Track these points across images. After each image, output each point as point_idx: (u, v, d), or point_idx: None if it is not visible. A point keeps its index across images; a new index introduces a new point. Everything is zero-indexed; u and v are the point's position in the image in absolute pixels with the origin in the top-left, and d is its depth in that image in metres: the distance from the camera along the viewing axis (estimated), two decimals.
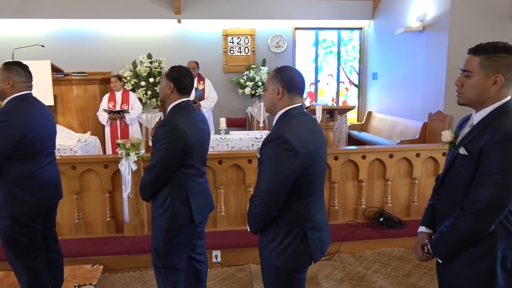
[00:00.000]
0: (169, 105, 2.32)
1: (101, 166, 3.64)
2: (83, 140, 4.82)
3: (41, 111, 2.46)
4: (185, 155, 2.21)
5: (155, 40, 7.20)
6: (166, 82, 2.28)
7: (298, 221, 1.78)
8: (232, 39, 7.41)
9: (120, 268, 3.43)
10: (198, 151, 2.30)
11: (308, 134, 1.77)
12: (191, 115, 2.29)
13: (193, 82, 2.39)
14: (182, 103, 2.30)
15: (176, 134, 2.15)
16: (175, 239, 2.31)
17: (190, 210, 2.27)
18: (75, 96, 5.88)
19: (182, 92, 2.29)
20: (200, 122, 2.33)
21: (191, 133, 2.20)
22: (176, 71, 2.30)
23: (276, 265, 1.83)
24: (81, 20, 6.85)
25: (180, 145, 2.16)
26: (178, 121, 2.17)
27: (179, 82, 2.27)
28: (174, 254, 2.35)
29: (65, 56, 6.72)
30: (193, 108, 2.36)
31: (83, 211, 3.74)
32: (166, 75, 2.31)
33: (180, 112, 2.25)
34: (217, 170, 3.74)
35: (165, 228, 2.27)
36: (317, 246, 1.83)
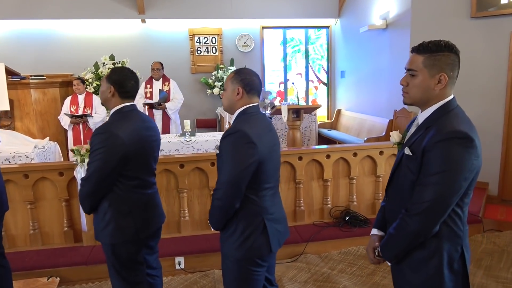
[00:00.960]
0: (111, 111, 2.15)
1: (56, 173, 3.47)
2: (41, 147, 4.60)
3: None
4: (125, 166, 2.03)
5: (118, 40, 6.99)
6: (106, 85, 2.11)
7: (257, 213, 1.86)
8: (199, 39, 7.30)
9: (78, 279, 3.29)
10: (142, 161, 2.13)
11: (264, 131, 1.88)
12: (134, 121, 2.10)
13: (138, 84, 2.20)
14: (125, 108, 2.12)
15: (113, 143, 1.97)
16: (123, 255, 2.14)
17: (134, 224, 2.11)
18: (33, 100, 5.65)
19: (124, 96, 2.12)
20: (145, 129, 2.15)
21: (132, 142, 2.03)
22: (117, 73, 2.13)
23: (237, 257, 1.87)
24: (38, 21, 6.56)
25: (117, 155, 1.98)
26: (116, 129, 2.00)
27: (121, 85, 2.09)
28: (130, 269, 2.20)
29: (22, 59, 6.44)
30: (138, 114, 2.19)
31: (38, 221, 3.57)
32: (106, 77, 2.13)
33: (121, 119, 2.08)
34: (179, 174, 3.64)
35: (110, 244, 2.11)
36: (275, 237, 1.91)
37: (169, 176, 3.67)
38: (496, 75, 4.79)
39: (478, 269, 3.30)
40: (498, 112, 4.84)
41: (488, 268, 3.31)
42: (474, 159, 1.45)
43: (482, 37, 4.78)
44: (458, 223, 1.55)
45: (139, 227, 2.14)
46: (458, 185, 1.44)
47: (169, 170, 3.63)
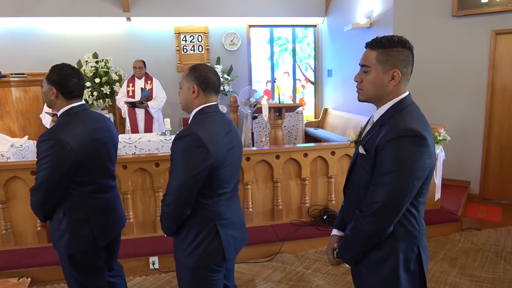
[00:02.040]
0: (58, 114, 2.01)
1: (28, 172, 3.43)
2: (18, 146, 4.55)
3: None
4: (76, 172, 1.91)
5: (102, 38, 6.92)
6: (47, 86, 1.96)
7: (209, 219, 1.77)
8: (185, 37, 7.25)
9: (49, 280, 3.25)
10: (96, 165, 2.02)
11: (221, 133, 1.76)
12: (84, 124, 1.96)
13: (82, 82, 2.01)
14: (73, 109, 1.97)
15: (59, 151, 1.82)
16: (81, 263, 2.05)
17: (92, 231, 2.01)
18: (14, 98, 5.56)
19: (68, 97, 1.96)
20: (98, 131, 2.02)
21: (81, 146, 1.89)
22: (56, 72, 1.95)
23: (189, 264, 1.78)
24: (19, 18, 6.48)
25: (66, 163, 1.84)
26: (62, 134, 1.85)
27: (63, 85, 1.94)
28: (89, 275, 2.11)
29: (1, 57, 6.36)
30: (89, 114, 2.04)
31: (10, 221, 3.52)
32: (46, 77, 1.97)
33: (69, 122, 1.93)
34: (154, 173, 3.60)
35: (67, 254, 2.01)
36: (230, 243, 1.82)
37: (144, 175, 3.63)
38: (477, 73, 4.79)
39: (453, 267, 3.29)
40: (479, 111, 4.84)
41: (462, 266, 3.31)
42: (427, 158, 1.43)
43: (464, 35, 4.77)
44: (413, 223, 1.52)
45: (98, 235, 2.03)
46: (411, 184, 1.41)
47: (144, 169, 3.60)
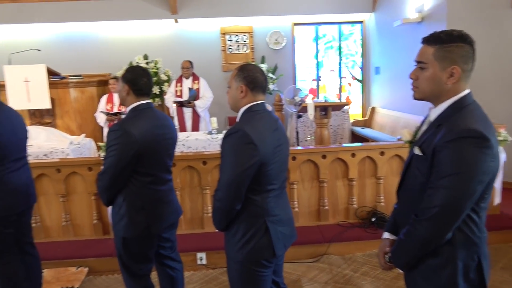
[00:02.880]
0: (127, 108, 2.22)
1: (85, 168, 3.63)
2: (76, 143, 4.84)
3: (8, 115, 2.44)
4: (138, 163, 2.09)
5: (152, 40, 7.19)
6: (121, 84, 2.19)
7: (259, 215, 1.81)
8: (230, 37, 7.35)
9: (105, 270, 3.42)
10: (156, 158, 2.18)
11: (268, 130, 1.80)
12: (149, 119, 2.16)
13: (151, 82, 2.26)
14: (140, 106, 2.18)
15: (126, 141, 2.03)
16: (133, 249, 2.21)
17: (146, 219, 2.17)
18: (72, 99, 5.91)
19: (138, 94, 2.18)
20: (159, 127, 2.20)
21: (145, 139, 2.07)
22: (130, 71, 2.20)
23: (239, 259, 1.83)
24: (77, 24, 6.90)
25: (130, 152, 2.03)
26: (129, 127, 2.06)
27: (134, 83, 2.16)
28: (136, 263, 2.28)
29: (62, 60, 6.78)
30: (153, 111, 2.25)
31: (70, 214, 3.75)
32: (121, 76, 2.22)
33: (136, 116, 2.15)
34: (202, 171, 3.68)
35: (122, 237, 2.19)
36: (279, 239, 1.85)
37: (192, 172, 3.72)
38: None
39: None
40: None
41: None
42: (491, 160, 1.34)
43: None
44: (474, 230, 1.43)
45: (151, 223, 2.19)
46: (472, 189, 1.33)
47: (192, 167, 3.69)
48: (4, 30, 6.99)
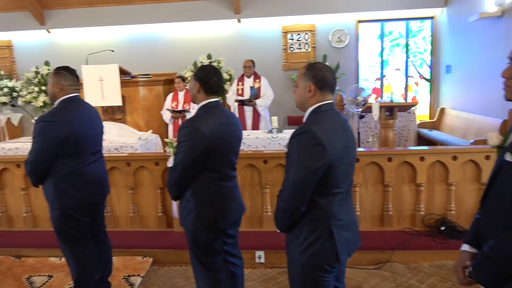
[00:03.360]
0: (197, 106, 2.29)
1: (152, 163, 3.81)
2: (144, 138, 5.10)
3: (87, 112, 2.62)
4: (207, 159, 2.14)
5: (215, 40, 7.37)
6: (193, 82, 2.26)
7: (323, 218, 1.77)
8: (291, 35, 7.30)
9: (168, 261, 3.56)
10: (223, 155, 2.23)
11: (337, 131, 1.75)
12: (218, 117, 2.21)
13: (221, 81, 2.32)
14: (210, 104, 2.24)
15: (196, 137, 2.09)
16: (201, 243, 2.29)
17: (214, 214, 2.23)
18: (141, 96, 6.25)
19: (209, 92, 2.24)
20: (227, 125, 2.25)
21: (214, 136, 2.12)
22: (202, 70, 2.26)
23: (301, 261, 1.81)
24: (146, 25, 7.28)
25: (200, 149, 2.09)
26: (200, 124, 2.12)
27: (205, 81, 2.21)
28: (206, 256, 2.34)
29: (132, 60, 7.19)
30: (222, 109, 2.30)
31: (137, 206, 3.95)
32: (193, 75, 2.29)
33: (206, 114, 2.21)
34: (263, 169, 3.69)
35: (191, 231, 2.28)
36: (343, 245, 1.80)
37: (253, 171, 3.74)
38: None
39: None
40: None
41: None
42: None
43: None
44: None
45: (218, 217, 2.25)
46: None
47: (253, 165, 3.71)
48: (82, 32, 7.58)
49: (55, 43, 7.82)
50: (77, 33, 7.61)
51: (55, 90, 2.53)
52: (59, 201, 2.51)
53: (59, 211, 2.53)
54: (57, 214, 2.54)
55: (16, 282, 3.27)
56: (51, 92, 2.55)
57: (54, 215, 2.56)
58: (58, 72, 2.54)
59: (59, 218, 2.55)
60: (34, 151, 2.43)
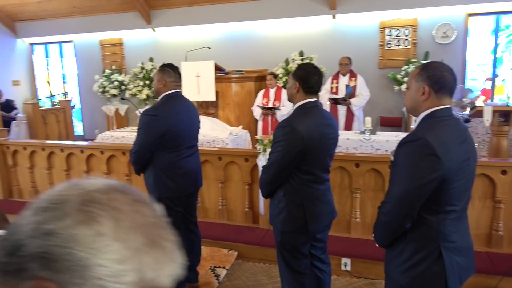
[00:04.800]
0: (295, 105, 2.25)
1: (242, 159, 3.87)
2: (234, 133, 5.24)
3: (186, 108, 2.75)
4: (302, 160, 2.10)
5: (308, 37, 7.25)
6: (292, 81, 2.22)
7: (432, 238, 1.57)
8: (390, 31, 6.85)
9: (252, 257, 3.60)
10: (318, 157, 2.17)
11: (454, 141, 1.53)
12: (316, 118, 2.16)
13: (321, 80, 2.24)
14: (308, 104, 2.19)
15: (292, 137, 2.06)
16: (289, 244, 2.25)
17: (304, 216, 2.18)
18: (233, 92, 6.43)
19: (308, 92, 2.18)
20: (325, 126, 2.19)
21: (311, 137, 2.08)
22: (302, 69, 2.22)
23: (402, 283, 1.64)
24: (242, 23, 7.45)
25: (296, 149, 2.06)
26: (297, 124, 2.08)
27: (305, 81, 2.16)
28: (294, 257, 2.31)
29: (226, 56, 7.41)
30: (320, 110, 2.24)
31: (226, 199, 4.07)
32: (292, 73, 2.25)
33: (303, 114, 2.16)
34: (354, 173, 3.52)
35: (280, 231, 2.25)
36: (454, 271, 1.57)
37: (343, 174, 3.59)
38: None
39: None
40: None
41: None
42: None
43: None
44: None
45: (309, 220, 2.19)
46: None
47: (344, 168, 3.56)
48: (183, 31, 8.05)
49: (159, 41, 8.45)
50: (178, 31, 8.11)
51: (159, 86, 2.69)
52: (157, 191, 2.68)
53: (157, 199, 2.69)
54: None
55: None
56: (156, 87, 2.72)
57: None
58: (163, 69, 2.70)
59: None
60: (138, 142, 2.62)
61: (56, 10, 8.70)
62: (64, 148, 4.65)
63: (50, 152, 4.71)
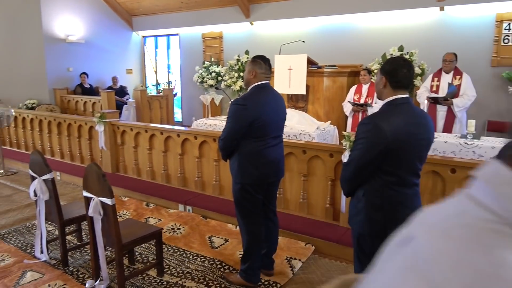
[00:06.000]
0: (382, 102, 2.12)
1: (327, 154, 3.82)
2: (322, 128, 5.18)
3: (274, 99, 2.81)
4: (384, 160, 1.97)
5: (410, 30, 6.77)
6: (379, 76, 2.10)
7: None
8: (509, 25, 6.05)
9: (329, 254, 3.55)
10: (405, 159, 2.00)
11: None
12: (405, 116, 2.00)
13: (411, 74, 2.07)
14: (397, 100, 2.03)
15: (375, 136, 1.94)
16: (366, 247, 2.14)
17: (384, 221, 2.04)
18: (324, 87, 6.34)
19: (396, 87, 2.03)
20: (416, 126, 2.01)
21: (396, 137, 1.93)
22: (389, 62, 2.09)
23: None
24: (339, 16, 7.26)
25: (377, 148, 1.94)
26: (381, 121, 1.95)
27: (392, 75, 2.02)
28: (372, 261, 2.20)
29: (321, 50, 7.32)
30: (411, 107, 2.07)
31: (307, 193, 4.06)
32: (380, 68, 2.12)
33: (390, 111, 2.02)
34: (449, 179, 3.23)
35: (357, 232, 2.16)
36: None
37: (436, 179, 3.32)
38: None
39: None
40: None
41: None
42: None
43: None
44: None
45: (388, 226, 2.03)
46: None
47: (437, 172, 3.28)
48: (278, 24, 8.16)
49: (255, 34, 8.70)
50: (274, 25, 8.25)
51: (250, 76, 2.78)
52: (241, 176, 2.79)
53: (239, 185, 2.82)
54: (237, 188, 2.84)
55: (201, 238, 3.85)
56: (246, 78, 2.82)
57: (235, 188, 2.87)
58: (255, 60, 2.79)
59: (238, 191, 2.84)
60: (227, 129, 2.75)
61: (167, 5, 9.50)
62: (163, 132, 5.09)
63: (152, 134, 5.20)
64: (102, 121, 5.46)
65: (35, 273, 3.21)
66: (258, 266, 2.98)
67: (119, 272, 2.81)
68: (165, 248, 3.58)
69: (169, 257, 3.47)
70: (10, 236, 3.92)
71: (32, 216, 4.42)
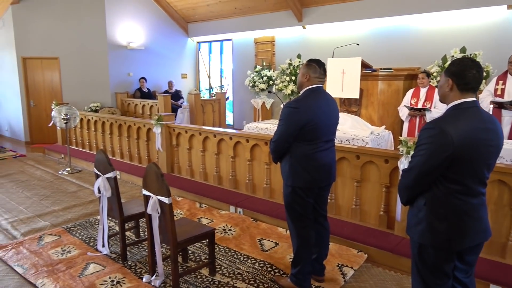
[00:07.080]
0: (447, 106, 1.98)
1: (382, 160, 3.69)
2: (376, 133, 5.02)
3: (327, 102, 2.77)
4: (449, 168, 1.85)
5: (472, 31, 6.37)
6: (444, 78, 1.97)
7: None
8: None
9: (382, 263, 3.43)
10: (472, 167, 1.87)
11: None
12: (472, 121, 1.87)
13: (481, 75, 1.91)
14: (464, 104, 1.90)
15: (440, 141, 1.82)
16: (428, 259, 2.01)
17: (447, 232, 1.91)
18: (379, 90, 6.15)
19: (464, 89, 1.90)
20: (484, 131, 1.87)
21: (463, 143, 1.81)
22: (456, 64, 1.94)
23: None
24: (394, 18, 7.01)
25: (442, 155, 1.82)
26: (447, 126, 1.82)
27: (460, 76, 1.89)
28: (434, 276, 2.03)
29: (376, 53, 7.12)
30: (479, 112, 1.91)
31: (360, 199, 3.95)
32: (445, 70, 1.99)
33: (457, 115, 1.89)
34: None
35: (417, 243, 2.03)
36: None
37: (502, 188, 3.09)
38: None
39: None
40: None
41: None
42: None
43: None
44: None
45: (453, 237, 1.92)
46: None
47: (504, 182, 3.06)
48: (332, 28, 8.06)
49: (308, 38, 8.66)
50: (327, 28, 8.16)
51: (303, 79, 2.78)
52: (292, 180, 2.78)
53: (290, 188, 2.82)
54: (288, 191, 2.84)
55: (251, 240, 3.88)
56: (300, 81, 2.82)
57: (286, 191, 2.87)
58: (310, 64, 2.78)
59: (289, 194, 2.84)
60: (278, 132, 2.77)
61: (221, 11, 9.76)
62: (216, 134, 5.22)
63: (205, 136, 5.36)
64: (160, 123, 5.72)
65: (97, 265, 3.42)
66: (309, 271, 2.95)
67: (174, 269, 2.92)
68: (216, 248, 3.66)
69: (220, 257, 3.54)
70: (76, 230, 4.21)
71: (94, 212, 4.73)
